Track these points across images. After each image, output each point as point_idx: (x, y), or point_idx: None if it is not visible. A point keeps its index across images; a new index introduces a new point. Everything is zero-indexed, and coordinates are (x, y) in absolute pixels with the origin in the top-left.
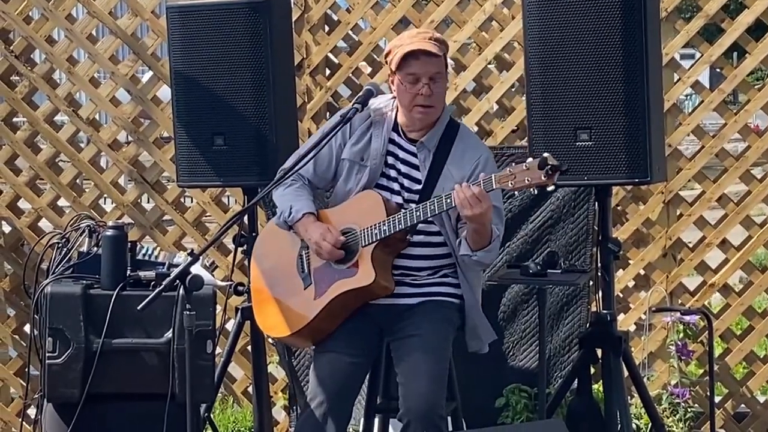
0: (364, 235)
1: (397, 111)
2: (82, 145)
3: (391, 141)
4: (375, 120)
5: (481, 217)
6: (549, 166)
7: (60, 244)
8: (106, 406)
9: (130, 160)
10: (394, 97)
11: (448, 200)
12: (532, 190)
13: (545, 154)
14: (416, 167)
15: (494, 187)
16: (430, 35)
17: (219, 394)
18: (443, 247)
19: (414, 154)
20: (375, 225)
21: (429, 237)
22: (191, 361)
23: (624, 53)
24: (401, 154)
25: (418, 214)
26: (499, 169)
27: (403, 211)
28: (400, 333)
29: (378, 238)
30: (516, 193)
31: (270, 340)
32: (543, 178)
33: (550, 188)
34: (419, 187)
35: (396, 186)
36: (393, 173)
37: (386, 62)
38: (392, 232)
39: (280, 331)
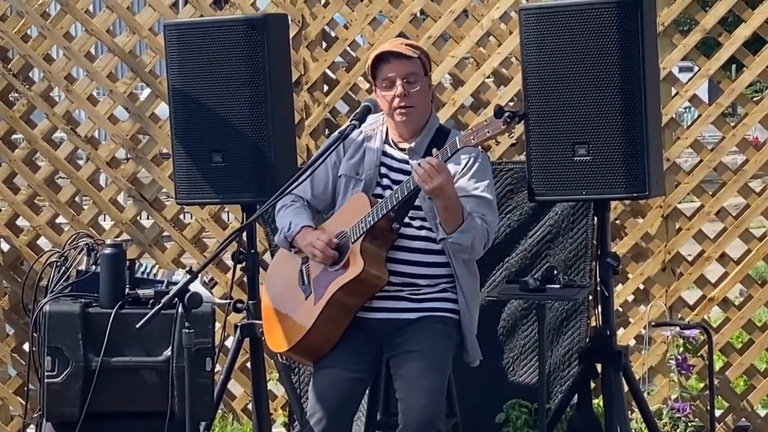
0: (353, 232)
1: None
2: (81, 163)
3: (384, 153)
4: (367, 135)
5: (442, 191)
6: (507, 114)
7: (59, 263)
8: (105, 424)
9: (128, 178)
10: None
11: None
12: (526, 209)
13: (501, 105)
14: (409, 173)
15: (459, 146)
16: (401, 41)
17: (219, 412)
18: (441, 255)
19: (406, 162)
20: (361, 220)
21: (427, 243)
22: (190, 378)
23: (621, 68)
24: (394, 164)
25: (395, 195)
26: (496, 184)
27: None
28: (399, 348)
29: (364, 230)
30: (515, 208)
31: (278, 358)
32: (502, 126)
33: (512, 135)
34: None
35: (389, 194)
36: (386, 182)
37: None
38: (376, 220)
39: (286, 344)
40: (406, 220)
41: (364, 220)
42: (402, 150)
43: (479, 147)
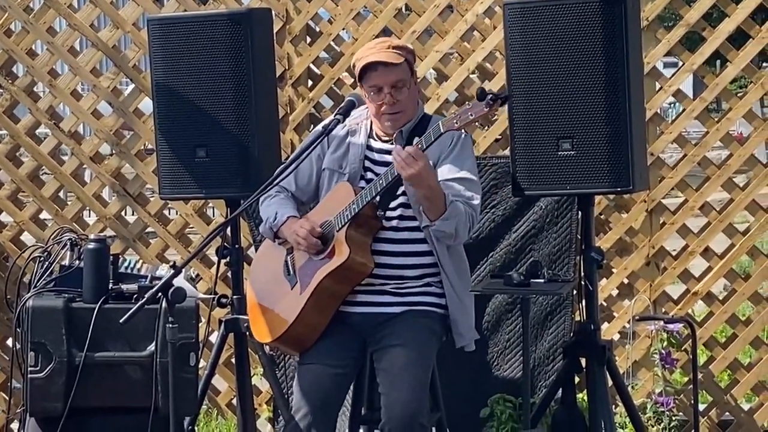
0: (337, 221)
1: (371, 118)
2: (65, 158)
3: (368, 147)
4: (351, 129)
5: (420, 178)
6: (490, 95)
7: (42, 258)
8: (89, 419)
9: (112, 173)
10: None
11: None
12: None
13: (483, 87)
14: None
15: (442, 131)
16: (388, 44)
17: (203, 407)
18: (425, 243)
19: (390, 153)
20: (345, 208)
21: (411, 233)
22: (174, 374)
23: (605, 62)
24: (378, 157)
25: (380, 182)
26: (480, 179)
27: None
28: (382, 342)
29: (348, 218)
30: (500, 203)
31: (265, 350)
32: (485, 108)
33: (495, 117)
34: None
35: (373, 181)
36: (370, 175)
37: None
38: (360, 208)
39: (272, 334)
40: (389, 209)
41: (349, 208)
42: (387, 142)
43: (462, 129)
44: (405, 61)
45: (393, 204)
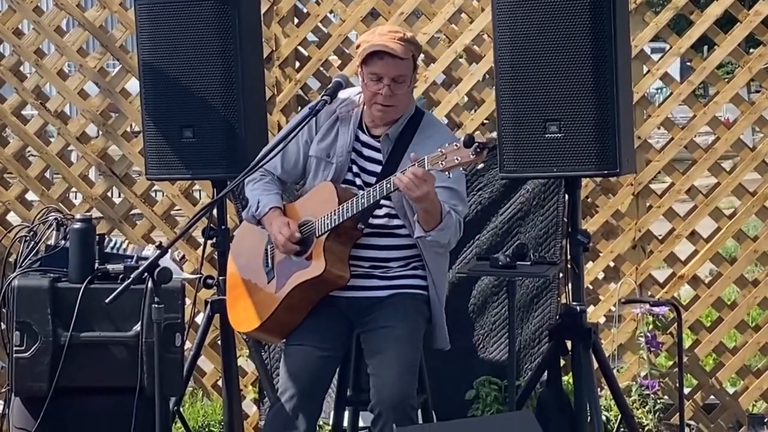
0: (319, 226)
1: (363, 107)
2: (51, 139)
3: (357, 138)
4: (341, 116)
5: (427, 197)
6: (476, 144)
7: (28, 238)
8: (74, 399)
9: (98, 153)
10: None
11: (388, 185)
12: (497, 186)
13: (472, 134)
14: (380, 162)
15: (426, 168)
16: (401, 35)
17: (189, 388)
18: (408, 237)
19: (378, 150)
20: (327, 215)
21: (396, 229)
22: (160, 354)
23: (593, 45)
24: (365, 151)
25: (363, 201)
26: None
27: (352, 199)
28: (370, 325)
29: (329, 228)
30: (486, 185)
31: (242, 335)
32: (472, 156)
33: (480, 166)
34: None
35: (359, 181)
36: (355, 169)
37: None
38: (342, 220)
39: (246, 325)
40: (374, 216)
41: (330, 217)
42: (375, 137)
43: (454, 136)
44: (411, 56)
45: (379, 212)
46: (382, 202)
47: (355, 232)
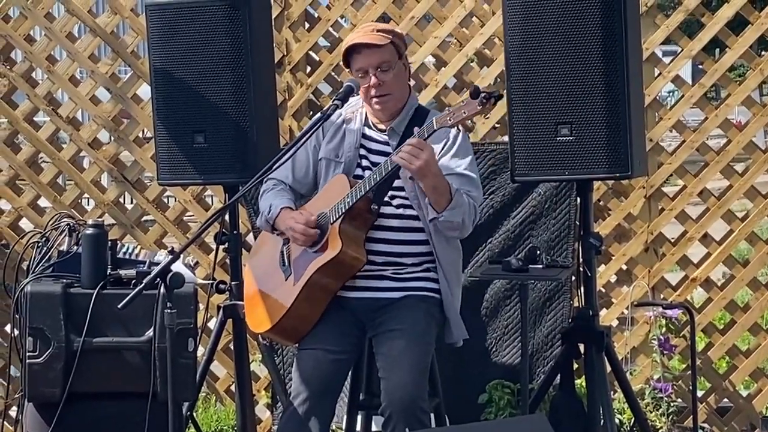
0: (332, 213)
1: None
2: (63, 144)
3: (364, 135)
4: (347, 117)
5: (428, 168)
6: (483, 94)
7: (40, 243)
8: (87, 405)
9: (110, 159)
10: None
11: (392, 158)
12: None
13: (477, 85)
14: (388, 155)
15: (435, 127)
16: (373, 27)
17: (201, 393)
18: (421, 233)
19: (386, 143)
20: (340, 201)
21: (408, 221)
22: (173, 359)
23: (604, 48)
24: (373, 146)
25: (374, 177)
26: (478, 165)
27: (360, 182)
28: (382, 327)
29: (343, 211)
30: (498, 189)
31: (261, 339)
32: (479, 107)
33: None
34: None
35: (368, 175)
36: (365, 163)
37: None
38: (354, 201)
39: (266, 324)
40: (386, 200)
41: (343, 201)
42: (381, 131)
43: (458, 127)
44: (390, 43)
45: (392, 196)
46: (396, 192)
47: (369, 215)
